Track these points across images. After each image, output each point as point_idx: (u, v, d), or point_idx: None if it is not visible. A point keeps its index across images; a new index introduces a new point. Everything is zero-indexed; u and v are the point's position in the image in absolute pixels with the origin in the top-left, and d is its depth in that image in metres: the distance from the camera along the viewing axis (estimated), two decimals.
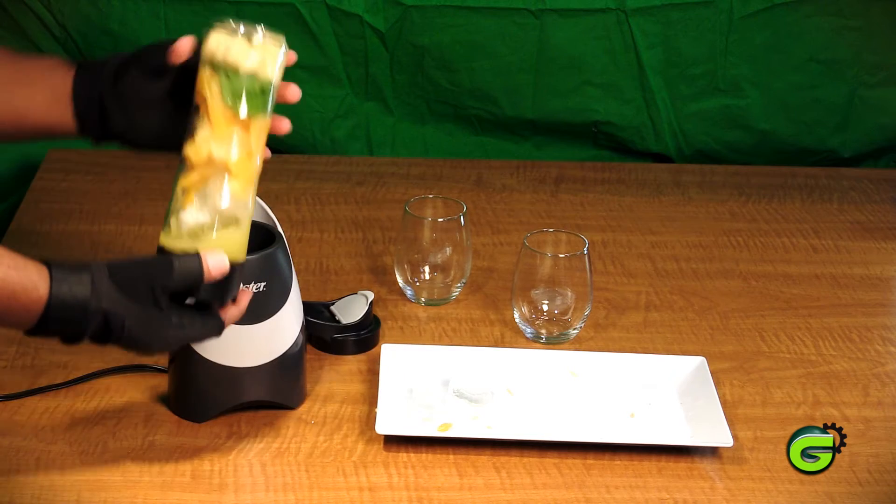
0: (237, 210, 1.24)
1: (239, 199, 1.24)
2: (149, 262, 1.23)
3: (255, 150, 1.25)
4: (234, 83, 1.23)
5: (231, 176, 1.24)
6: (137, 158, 2.05)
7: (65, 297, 1.19)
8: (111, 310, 1.20)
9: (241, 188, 1.24)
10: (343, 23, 2.03)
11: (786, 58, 2.07)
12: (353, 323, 1.56)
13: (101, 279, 1.20)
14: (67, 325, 1.20)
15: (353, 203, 1.93)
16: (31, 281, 1.18)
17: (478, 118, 2.11)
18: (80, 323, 1.20)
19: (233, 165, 1.23)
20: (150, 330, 1.22)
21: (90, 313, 1.19)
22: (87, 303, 1.19)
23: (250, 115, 1.24)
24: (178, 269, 1.22)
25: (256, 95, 1.24)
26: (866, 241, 1.88)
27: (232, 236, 1.24)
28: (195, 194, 1.23)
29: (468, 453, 1.40)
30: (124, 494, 1.32)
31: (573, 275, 1.57)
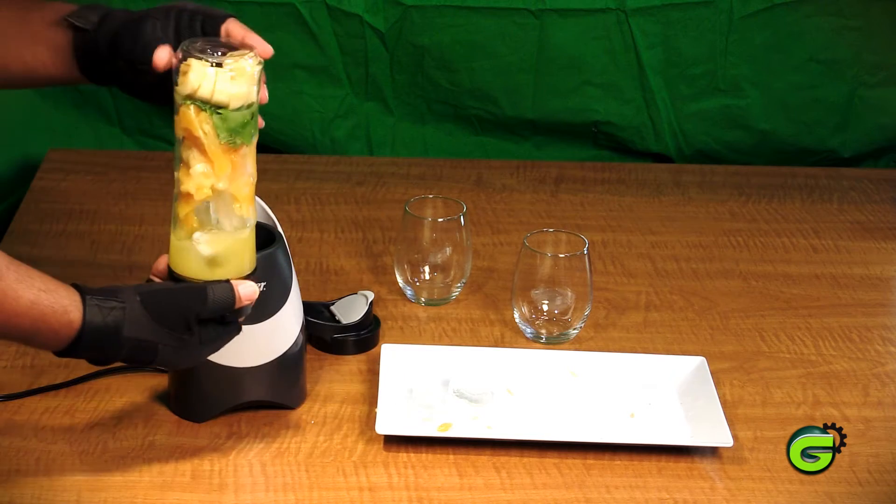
0: (247, 231, 1.27)
1: (247, 219, 1.27)
2: (182, 291, 1.25)
3: (252, 168, 1.26)
4: (228, 120, 1.22)
5: (237, 201, 1.26)
6: (137, 158, 2.05)
7: (98, 325, 1.20)
8: (144, 338, 1.22)
9: (247, 209, 1.27)
10: (343, 23, 2.03)
11: (786, 58, 2.07)
12: (353, 323, 1.56)
13: (134, 307, 1.21)
14: (99, 352, 1.22)
15: (353, 203, 1.93)
16: (62, 306, 1.19)
17: (478, 118, 2.11)
18: (111, 347, 1.21)
19: (237, 192, 1.25)
20: (182, 354, 1.25)
21: (123, 340, 1.21)
22: (119, 330, 1.20)
23: (245, 141, 1.24)
24: (211, 299, 1.24)
25: (248, 122, 1.24)
26: (866, 241, 1.88)
27: (245, 256, 1.27)
28: (204, 224, 1.25)
29: (468, 453, 1.40)
30: (124, 494, 1.32)
31: (573, 275, 1.57)
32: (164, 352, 1.23)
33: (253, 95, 1.23)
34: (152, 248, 1.75)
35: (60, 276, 1.67)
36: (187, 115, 1.21)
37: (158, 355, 1.23)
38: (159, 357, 1.23)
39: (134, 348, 1.22)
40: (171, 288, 1.25)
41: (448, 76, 2.06)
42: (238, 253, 1.27)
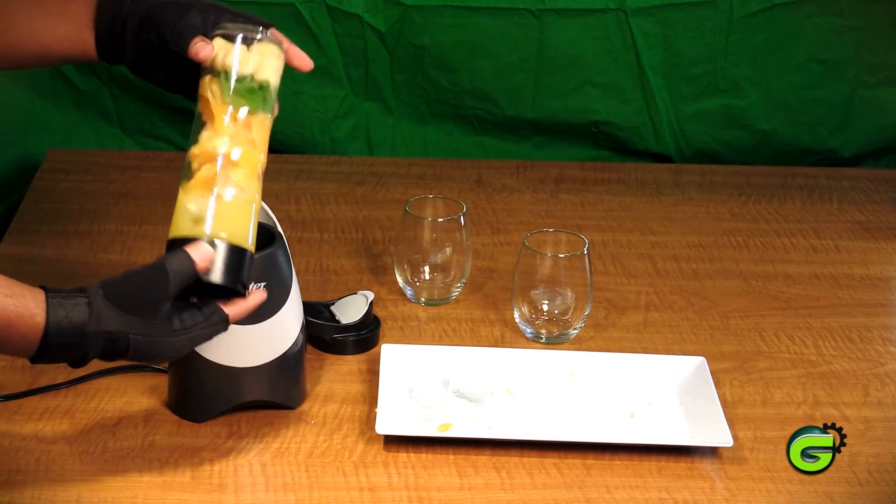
0: (239, 197, 1.26)
1: (240, 189, 1.26)
2: (142, 274, 1.22)
3: (257, 144, 1.28)
4: (233, 84, 1.27)
5: (233, 167, 1.26)
6: (137, 158, 2.05)
7: (61, 323, 1.18)
8: (113, 330, 1.20)
9: (243, 178, 1.26)
10: (343, 23, 2.03)
11: (786, 58, 2.07)
12: (353, 323, 1.56)
13: (98, 301, 1.19)
14: (68, 351, 1.20)
15: (353, 203, 1.93)
16: (27, 309, 1.18)
17: (478, 118, 2.11)
18: (80, 347, 1.19)
19: (235, 158, 1.26)
20: (155, 341, 1.22)
21: (90, 337, 1.19)
22: (84, 327, 1.19)
23: (250, 112, 1.27)
24: (171, 273, 1.21)
25: (255, 93, 1.28)
26: (866, 241, 1.88)
27: (235, 222, 1.25)
28: (199, 186, 1.25)
29: (468, 453, 1.40)
30: (124, 494, 1.32)
31: (573, 275, 1.57)
32: (137, 342, 1.20)
33: (263, 71, 1.28)
34: (152, 248, 1.75)
35: (60, 277, 1.68)
36: (203, 82, 1.28)
37: (131, 347, 1.20)
38: (132, 349, 1.20)
39: (104, 343, 1.20)
40: (129, 273, 1.23)
41: (448, 76, 2.07)
42: (230, 218, 1.25)
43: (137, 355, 1.22)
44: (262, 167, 1.29)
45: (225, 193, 1.25)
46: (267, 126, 1.30)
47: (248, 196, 1.27)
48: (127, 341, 1.20)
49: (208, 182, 1.25)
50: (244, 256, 1.26)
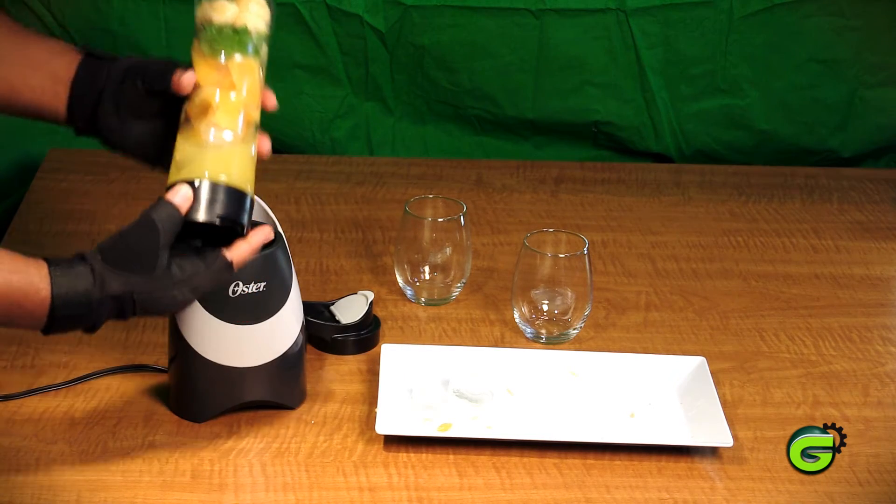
0: (221, 137, 1.29)
1: (220, 129, 1.29)
2: (133, 231, 1.24)
3: (238, 87, 1.31)
4: (211, 33, 1.31)
5: (214, 111, 1.29)
6: None
7: (67, 296, 1.20)
8: (117, 292, 1.22)
9: (224, 119, 1.29)
10: (343, 23, 2.03)
11: (786, 58, 2.07)
12: (353, 323, 1.56)
13: (98, 266, 1.22)
14: (77, 320, 1.22)
15: (353, 203, 1.93)
16: (31, 284, 1.19)
17: (478, 118, 2.11)
18: (88, 315, 1.21)
19: (216, 103, 1.30)
20: (158, 294, 1.24)
21: (96, 304, 1.21)
22: (90, 295, 1.21)
23: (227, 56, 1.31)
24: (159, 222, 1.23)
25: (230, 39, 1.31)
26: (866, 241, 1.88)
27: (218, 162, 1.28)
28: (188, 134, 1.29)
29: (468, 453, 1.40)
30: (124, 494, 1.32)
31: (573, 275, 1.57)
32: (142, 300, 1.23)
33: (242, 18, 1.32)
34: None
35: None
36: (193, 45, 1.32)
37: (137, 303, 1.23)
38: (139, 306, 1.23)
39: (111, 306, 1.22)
40: (121, 232, 1.25)
41: (448, 76, 2.07)
42: (212, 158, 1.28)
43: (145, 312, 1.24)
44: (251, 110, 1.31)
45: (208, 136, 1.29)
46: (252, 69, 1.32)
47: (232, 136, 1.29)
48: (133, 300, 1.22)
49: (193, 130, 1.29)
50: (231, 194, 1.28)
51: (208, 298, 1.36)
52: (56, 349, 1.54)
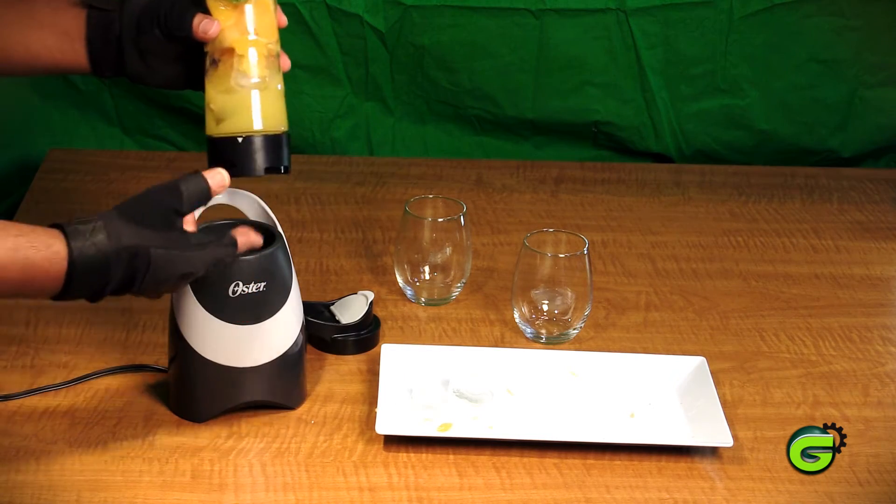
0: (252, 83, 1.32)
1: (249, 74, 1.32)
2: (155, 190, 1.25)
3: (259, 27, 1.33)
4: None
5: (237, 55, 1.32)
6: (137, 158, 2.05)
7: (84, 249, 1.18)
8: (133, 244, 1.20)
9: (252, 65, 1.32)
10: (343, 23, 2.03)
11: (786, 58, 2.07)
12: (353, 323, 1.56)
13: (114, 221, 1.21)
14: (94, 276, 1.19)
15: (353, 203, 1.93)
16: (43, 242, 1.18)
17: (478, 118, 2.11)
18: (106, 269, 1.19)
19: (240, 49, 1.32)
20: (176, 252, 1.23)
21: (112, 255, 1.19)
22: (107, 247, 1.19)
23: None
24: (185, 191, 1.25)
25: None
26: (866, 241, 1.88)
27: (260, 110, 1.32)
28: (217, 80, 1.32)
29: (468, 453, 1.40)
30: (124, 494, 1.32)
31: (573, 275, 1.57)
32: (158, 255, 1.21)
33: None
34: None
35: None
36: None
37: (152, 261, 1.21)
38: (153, 264, 1.21)
39: (127, 260, 1.20)
40: (143, 192, 1.25)
41: (448, 76, 2.07)
42: (242, 108, 1.32)
43: (155, 273, 1.22)
44: (273, 45, 1.34)
45: (238, 82, 1.32)
46: (267, 7, 1.34)
47: (260, 79, 1.32)
48: (148, 255, 1.21)
49: (222, 77, 1.32)
50: (269, 143, 1.33)
51: (208, 298, 1.36)
52: (56, 349, 1.54)
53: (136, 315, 1.60)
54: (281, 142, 1.34)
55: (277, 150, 1.34)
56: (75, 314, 1.60)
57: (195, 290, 1.36)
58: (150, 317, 1.59)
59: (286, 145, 1.35)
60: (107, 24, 1.36)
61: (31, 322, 1.59)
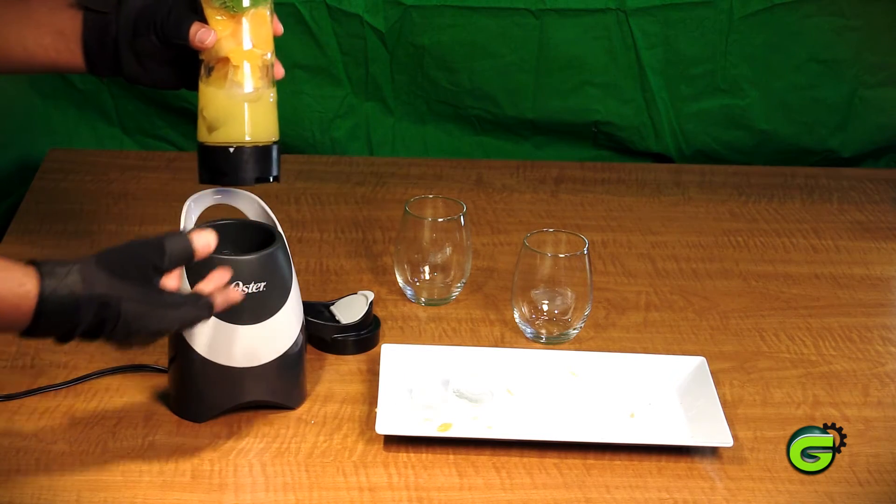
0: (246, 94, 1.33)
1: (243, 85, 1.33)
2: (137, 244, 1.23)
3: (254, 38, 1.33)
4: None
5: (232, 66, 1.32)
6: (137, 158, 2.05)
7: (56, 290, 1.17)
8: (105, 293, 1.18)
9: (243, 75, 1.33)
10: (343, 23, 2.03)
11: (786, 58, 2.07)
12: (353, 323, 1.56)
13: (90, 267, 1.19)
14: (62, 318, 1.18)
15: (353, 203, 1.93)
16: (17, 281, 1.17)
17: (478, 118, 2.11)
18: (75, 313, 1.18)
19: (233, 56, 1.32)
20: (147, 309, 1.20)
21: (84, 301, 1.18)
22: (78, 292, 1.17)
23: (237, 9, 1.32)
24: (168, 250, 1.22)
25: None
26: (866, 241, 1.88)
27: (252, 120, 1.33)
28: (211, 88, 1.33)
29: (468, 453, 1.40)
30: (124, 494, 1.32)
31: (573, 275, 1.57)
32: (128, 309, 1.19)
33: None
34: None
35: None
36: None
37: (122, 314, 1.18)
38: (123, 317, 1.19)
39: (97, 308, 1.18)
40: (126, 244, 1.23)
41: (448, 76, 2.07)
42: (235, 118, 1.33)
43: (126, 325, 1.20)
44: (268, 55, 1.34)
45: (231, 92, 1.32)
46: (264, 16, 1.33)
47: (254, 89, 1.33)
48: (119, 307, 1.19)
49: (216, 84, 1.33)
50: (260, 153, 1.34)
51: None
52: (56, 349, 1.53)
53: None
54: (272, 152, 1.35)
55: (268, 161, 1.35)
56: None
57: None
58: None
59: (277, 155, 1.36)
60: (102, 26, 1.36)
61: None
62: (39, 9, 1.38)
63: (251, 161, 1.34)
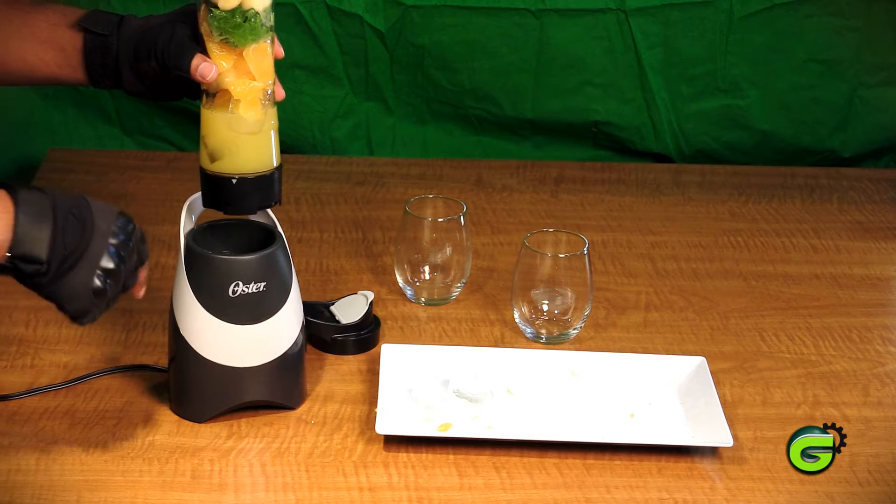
0: (247, 128, 1.33)
1: (244, 118, 1.33)
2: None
3: (255, 71, 1.33)
4: (220, 20, 1.31)
5: (236, 100, 1.33)
6: (137, 158, 2.05)
7: (27, 192, 1.22)
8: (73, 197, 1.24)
9: (246, 109, 1.33)
10: (343, 23, 2.03)
11: (786, 58, 2.07)
12: (353, 323, 1.56)
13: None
14: (38, 209, 1.22)
15: (353, 203, 1.93)
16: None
17: (478, 118, 2.11)
18: (50, 209, 1.22)
19: (233, 90, 1.32)
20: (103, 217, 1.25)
21: (55, 198, 1.23)
22: (48, 194, 1.23)
23: (238, 44, 1.32)
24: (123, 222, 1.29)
25: (242, 28, 1.31)
26: (866, 241, 1.88)
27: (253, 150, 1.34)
28: (212, 116, 1.33)
29: (468, 453, 1.40)
30: (124, 494, 1.32)
31: (573, 275, 1.57)
32: (95, 203, 1.25)
33: (252, 2, 1.31)
34: (152, 248, 1.73)
35: None
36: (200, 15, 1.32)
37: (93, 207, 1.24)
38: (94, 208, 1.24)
39: (69, 205, 1.23)
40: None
41: (448, 76, 2.07)
42: (236, 151, 1.34)
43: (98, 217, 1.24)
44: (269, 85, 1.34)
45: (231, 124, 1.33)
46: (265, 49, 1.33)
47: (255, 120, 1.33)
48: (87, 202, 1.25)
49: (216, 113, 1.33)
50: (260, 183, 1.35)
51: (208, 298, 1.36)
52: (56, 349, 1.54)
53: (136, 315, 1.60)
54: (273, 179, 1.37)
55: (270, 188, 1.37)
56: None
57: (195, 290, 1.36)
58: (150, 317, 1.60)
59: (278, 180, 1.38)
60: (103, 48, 1.38)
61: (31, 322, 1.59)
62: (41, 25, 1.39)
63: (253, 191, 1.36)
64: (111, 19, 1.38)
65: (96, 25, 1.38)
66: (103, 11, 1.39)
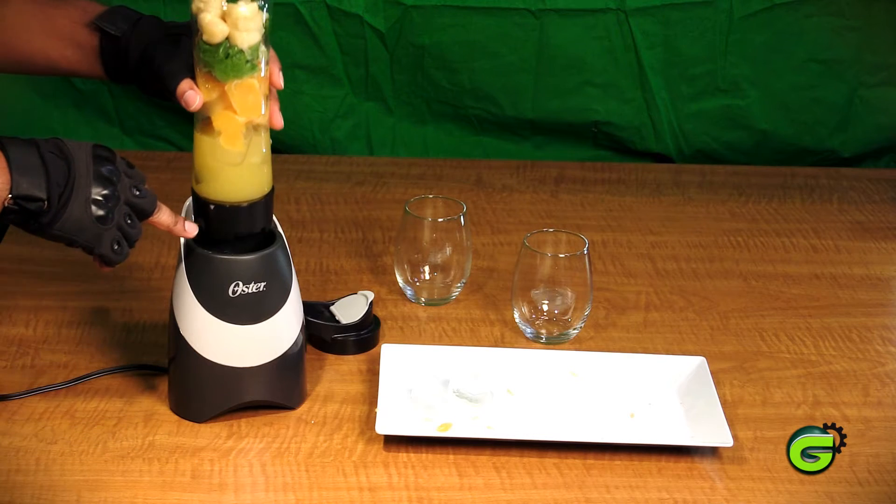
0: (228, 159, 1.34)
1: (226, 149, 1.34)
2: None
3: (239, 108, 1.32)
4: (207, 54, 1.30)
5: (219, 132, 1.33)
6: (137, 158, 2.04)
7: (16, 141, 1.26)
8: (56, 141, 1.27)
9: (226, 139, 1.33)
10: (343, 23, 2.03)
11: (786, 58, 2.07)
12: (353, 323, 1.56)
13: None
14: (27, 149, 1.27)
15: (353, 203, 1.93)
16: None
17: (478, 118, 2.11)
18: (38, 147, 1.27)
19: (216, 122, 1.33)
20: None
21: (41, 143, 1.27)
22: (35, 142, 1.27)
23: (221, 78, 1.31)
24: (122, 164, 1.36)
25: (226, 64, 1.30)
26: (866, 241, 1.88)
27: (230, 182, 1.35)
28: (201, 141, 1.35)
29: (468, 453, 1.40)
30: (124, 494, 1.32)
31: (573, 275, 1.57)
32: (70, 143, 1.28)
33: (237, 39, 1.30)
34: (152, 248, 1.74)
35: (61, 276, 1.68)
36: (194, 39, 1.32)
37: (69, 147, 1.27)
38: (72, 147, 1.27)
39: (54, 146, 1.27)
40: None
41: (448, 76, 2.07)
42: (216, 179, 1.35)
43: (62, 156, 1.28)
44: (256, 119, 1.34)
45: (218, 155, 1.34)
46: (252, 85, 1.32)
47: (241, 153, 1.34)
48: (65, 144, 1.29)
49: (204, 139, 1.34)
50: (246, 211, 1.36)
51: (208, 298, 1.36)
52: (56, 349, 1.54)
53: (136, 315, 1.60)
54: (255, 209, 1.37)
55: (250, 219, 1.37)
56: (75, 314, 1.60)
57: (195, 290, 1.36)
58: (150, 317, 1.60)
59: (263, 209, 1.38)
60: (117, 50, 1.40)
61: (31, 322, 1.59)
62: (62, 21, 1.42)
63: (229, 220, 1.36)
64: (129, 17, 1.40)
65: (111, 25, 1.40)
66: (123, 9, 1.41)
